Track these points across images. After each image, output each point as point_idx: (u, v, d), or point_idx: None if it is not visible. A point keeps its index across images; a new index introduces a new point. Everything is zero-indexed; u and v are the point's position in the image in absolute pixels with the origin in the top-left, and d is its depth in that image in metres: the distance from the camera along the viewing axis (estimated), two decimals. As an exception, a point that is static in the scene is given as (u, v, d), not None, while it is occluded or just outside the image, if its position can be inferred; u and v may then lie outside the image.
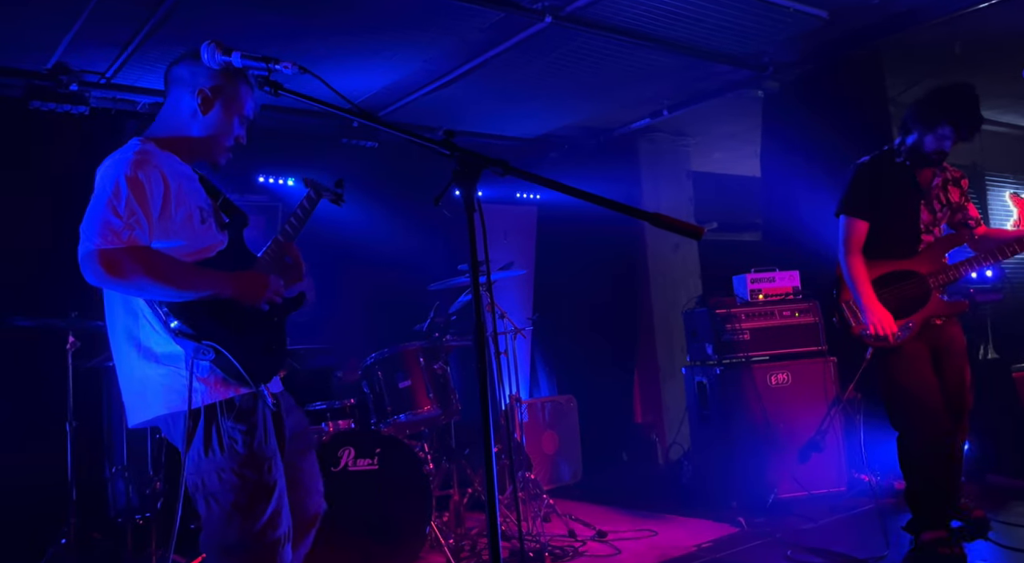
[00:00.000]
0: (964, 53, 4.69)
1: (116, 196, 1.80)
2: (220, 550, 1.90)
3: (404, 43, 4.21)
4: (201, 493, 1.90)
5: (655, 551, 3.61)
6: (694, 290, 6.25)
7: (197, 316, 1.86)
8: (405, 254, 5.30)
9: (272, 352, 2.04)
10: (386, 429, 3.68)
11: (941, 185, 3.35)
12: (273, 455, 1.97)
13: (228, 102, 2.03)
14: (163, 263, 1.83)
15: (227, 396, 1.91)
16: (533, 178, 1.56)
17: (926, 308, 3.21)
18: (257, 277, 1.99)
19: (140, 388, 1.93)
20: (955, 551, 3.16)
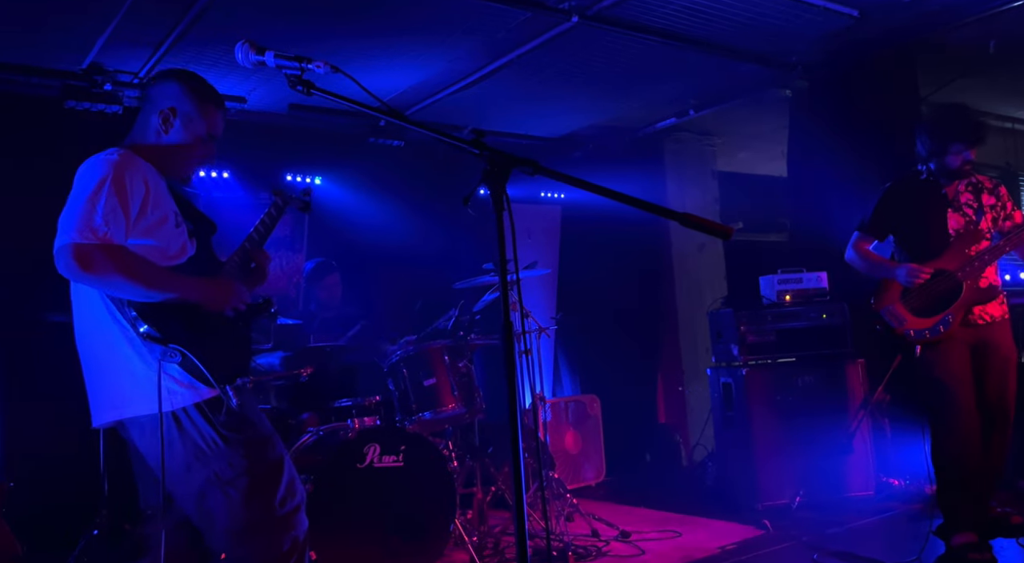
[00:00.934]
0: (998, 52, 4.60)
1: (97, 194, 1.87)
2: (246, 531, 1.97)
3: (430, 43, 4.23)
4: (216, 486, 1.96)
5: (679, 552, 3.60)
6: (719, 291, 6.21)
7: (164, 319, 1.91)
8: (430, 252, 5.33)
9: (235, 356, 2.09)
10: (411, 426, 3.70)
11: (966, 188, 3.44)
12: (272, 433, 2.08)
13: (187, 122, 2.12)
14: (135, 262, 1.89)
15: (211, 395, 1.98)
16: (563, 177, 1.56)
17: (960, 299, 3.26)
18: (223, 284, 2.07)
19: (119, 386, 1.97)
20: (986, 556, 3.14)
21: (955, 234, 3.36)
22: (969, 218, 3.39)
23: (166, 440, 1.93)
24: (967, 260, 3.28)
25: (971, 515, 3.23)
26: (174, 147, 2.12)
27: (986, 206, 3.41)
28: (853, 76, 4.76)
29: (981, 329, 3.32)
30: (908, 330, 3.33)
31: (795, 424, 4.23)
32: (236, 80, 4.55)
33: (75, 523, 3.78)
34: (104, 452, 3.78)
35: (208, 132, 2.16)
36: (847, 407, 4.26)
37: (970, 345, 3.32)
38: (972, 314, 3.31)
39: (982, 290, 3.28)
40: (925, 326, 3.31)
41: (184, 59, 4.22)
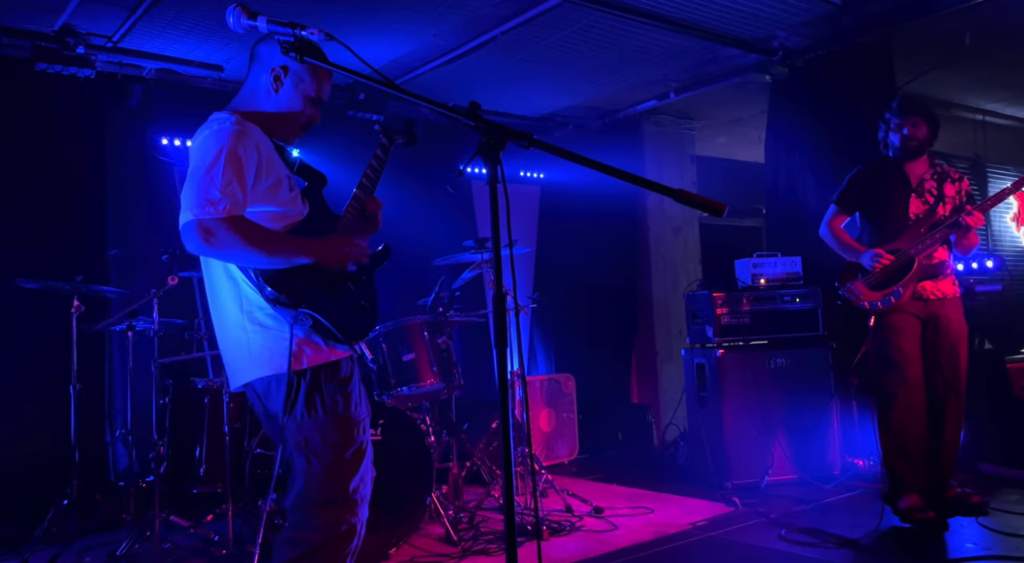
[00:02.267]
0: (973, 44, 4.69)
1: (214, 166, 1.87)
2: (316, 504, 1.98)
3: (415, 17, 4.18)
4: (303, 451, 1.98)
5: (651, 528, 3.67)
6: (694, 274, 6.29)
7: (291, 283, 1.94)
8: (410, 229, 5.30)
9: (364, 310, 2.12)
10: (389, 401, 3.71)
11: (931, 177, 3.66)
12: (365, 418, 2.09)
13: (297, 82, 2.10)
14: (256, 232, 1.91)
15: (330, 359, 2.00)
16: (559, 151, 1.57)
17: (911, 273, 3.53)
18: (342, 240, 2.06)
19: (245, 351, 2.02)
20: (928, 516, 3.40)
21: (915, 218, 3.60)
22: (928, 204, 3.62)
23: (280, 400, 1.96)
24: (919, 238, 3.54)
25: (914, 480, 3.51)
26: (283, 107, 2.11)
27: (947, 195, 3.62)
28: (832, 63, 4.82)
29: (932, 304, 3.57)
30: (863, 302, 3.63)
31: (766, 405, 4.32)
32: (213, 48, 4.47)
33: (44, 493, 3.74)
34: (75, 421, 3.73)
35: (317, 93, 2.13)
36: (817, 389, 4.36)
37: (921, 319, 3.59)
38: (924, 289, 3.56)
39: (932, 266, 3.54)
40: (877, 297, 3.60)
41: (160, 23, 4.12)
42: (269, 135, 2.09)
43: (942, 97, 5.93)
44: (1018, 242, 7.36)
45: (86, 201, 4.47)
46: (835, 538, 3.34)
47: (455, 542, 3.48)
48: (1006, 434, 4.27)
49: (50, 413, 4.02)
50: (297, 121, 2.14)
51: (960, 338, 3.56)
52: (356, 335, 2.05)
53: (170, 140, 4.77)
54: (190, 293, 4.63)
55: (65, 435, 3.74)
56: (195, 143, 1.97)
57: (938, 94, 5.83)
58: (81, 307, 3.73)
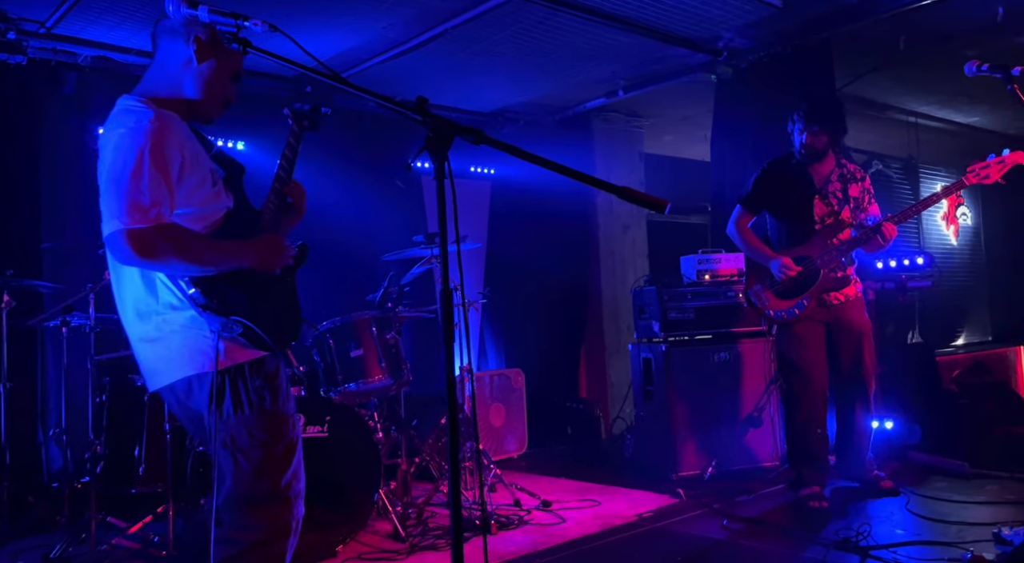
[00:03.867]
0: (907, 48, 4.87)
1: (139, 170, 1.74)
2: (247, 503, 1.93)
3: (364, 8, 4.13)
4: (230, 450, 1.92)
5: (598, 520, 3.72)
6: (642, 270, 6.38)
7: (220, 288, 1.87)
8: (359, 223, 5.24)
9: (290, 313, 2.06)
10: (336, 397, 3.67)
11: (837, 179, 3.79)
12: (293, 414, 2.04)
13: (224, 54, 1.97)
14: (189, 240, 1.83)
15: (254, 356, 1.94)
16: (507, 148, 1.57)
17: (816, 285, 3.68)
18: (270, 242, 1.99)
19: (164, 352, 1.93)
20: (822, 504, 3.64)
21: (820, 221, 3.74)
22: (832, 207, 3.76)
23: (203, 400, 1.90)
24: (827, 249, 3.67)
25: (814, 476, 3.76)
26: (207, 79, 1.96)
27: (851, 196, 3.77)
28: (775, 65, 4.94)
29: (834, 308, 3.76)
30: (768, 311, 3.79)
31: (710, 398, 4.42)
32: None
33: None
34: (5, 420, 3.60)
35: (238, 69, 2.02)
36: (758, 382, 4.48)
37: (825, 323, 3.78)
38: (827, 296, 3.73)
39: (836, 279, 3.69)
40: (783, 308, 3.75)
41: (97, 10, 3.98)
42: (188, 118, 1.97)
43: (878, 99, 6.15)
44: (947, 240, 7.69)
45: (18, 192, 4.29)
46: (774, 526, 3.44)
47: (403, 538, 3.47)
48: (936, 424, 4.46)
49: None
50: (218, 99, 2.02)
51: (863, 337, 3.76)
52: (284, 340, 1.99)
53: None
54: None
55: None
56: (109, 139, 1.81)
57: (874, 96, 6.03)
58: (12, 302, 3.60)
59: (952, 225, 7.75)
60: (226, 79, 2.01)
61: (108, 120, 1.87)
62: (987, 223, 8.29)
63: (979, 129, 7.14)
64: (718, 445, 4.38)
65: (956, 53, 4.95)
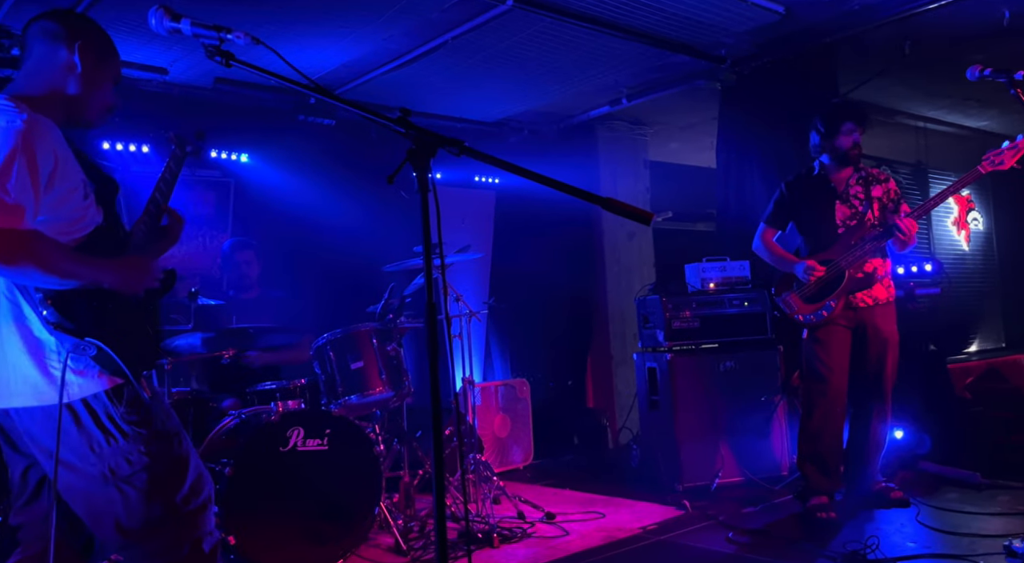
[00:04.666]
0: (912, 53, 4.82)
1: (6, 170, 1.65)
2: (147, 530, 1.84)
3: (364, 21, 4.14)
4: (112, 483, 1.82)
5: (602, 533, 3.68)
6: (648, 278, 6.34)
7: (75, 307, 1.76)
8: (361, 234, 5.24)
9: (148, 338, 1.96)
10: (337, 410, 3.65)
11: (857, 182, 3.75)
12: (179, 430, 1.94)
13: (108, 58, 1.93)
14: (50, 250, 1.72)
15: (113, 384, 1.84)
16: (487, 158, 1.56)
17: (841, 286, 3.64)
18: (137, 263, 1.91)
19: (15, 374, 1.81)
20: (830, 516, 3.58)
21: (842, 224, 3.70)
22: (855, 209, 3.72)
23: (62, 431, 1.78)
24: (849, 248, 3.63)
25: (824, 484, 3.70)
26: (90, 85, 1.90)
27: (874, 198, 3.72)
28: (778, 71, 4.91)
29: (862, 312, 3.69)
30: (797, 315, 3.77)
31: (716, 408, 4.37)
32: (158, 50, 4.36)
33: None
34: None
35: (117, 74, 1.97)
36: (765, 391, 4.42)
37: (851, 328, 3.71)
38: (855, 298, 3.67)
39: (859, 279, 3.63)
40: (811, 311, 3.72)
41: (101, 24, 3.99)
42: (64, 123, 1.87)
43: (884, 104, 6.09)
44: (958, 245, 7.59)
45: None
46: (780, 539, 3.38)
47: (404, 551, 3.44)
48: (947, 434, 4.38)
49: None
50: (101, 103, 1.95)
51: (888, 346, 3.69)
52: (142, 365, 1.87)
53: (112, 144, 4.65)
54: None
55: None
56: None
57: (880, 101, 5.98)
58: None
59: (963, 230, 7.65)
60: (109, 85, 1.96)
61: None
62: (999, 227, 8.18)
63: (989, 133, 7.06)
64: (724, 455, 4.33)
65: (963, 57, 4.89)
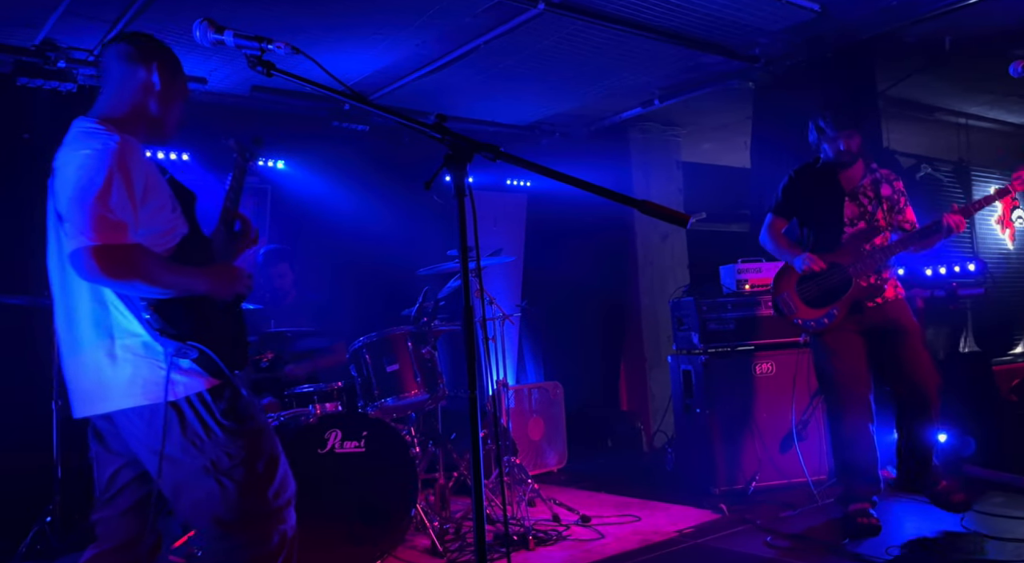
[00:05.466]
0: (953, 49, 4.72)
1: (107, 189, 1.78)
2: (242, 522, 1.94)
3: (397, 27, 4.19)
4: (212, 475, 1.92)
5: (638, 536, 3.66)
6: (682, 279, 6.30)
7: (175, 313, 1.88)
8: (395, 239, 5.30)
9: (240, 339, 2.09)
10: (373, 412, 3.69)
11: (870, 184, 3.61)
12: (267, 424, 2.07)
13: (179, 76, 2.06)
14: (152, 262, 1.84)
15: (213, 384, 1.95)
16: (522, 163, 1.57)
17: (847, 295, 3.47)
18: (228, 270, 2.04)
19: (109, 378, 1.91)
20: (871, 521, 3.45)
21: (849, 223, 3.56)
22: (864, 208, 3.57)
23: (156, 432, 1.89)
24: (861, 256, 3.47)
25: (863, 491, 3.55)
26: (168, 103, 2.04)
27: (883, 197, 3.58)
28: (814, 69, 4.84)
29: (871, 312, 3.51)
30: (797, 319, 3.60)
31: (752, 411, 4.32)
32: (197, 60, 4.46)
33: (26, 511, 3.70)
34: (58, 439, 3.71)
35: (186, 90, 2.11)
36: (803, 394, 4.36)
37: (862, 332, 3.53)
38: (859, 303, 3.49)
39: (867, 288, 3.48)
40: (812, 317, 3.56)
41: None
42: (146, 140, 2.03)
43: (925, 101, 5.97)
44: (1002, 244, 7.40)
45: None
46: (820, 543, 3.34)
47: (441, 553, 3.46)
48: (992, 437, 4.28)
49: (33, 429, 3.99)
50: (175, 118, 2.09)
51: (907, 336, 3.47)
52: (237, 365, 2.00)
53: (153, 153, 4.76)
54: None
55: (48, 451, 3.71)
56: (72, 160, 1.84)
57: (920, 98, 5.87)
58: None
59: (1008, 228, 7.45)
60: (181, 101, 2.09)
61: (67, 141, 1.91)
62: (1046, 226, 7.95)
63: (1034, 129, 6.88)
64: (762, 459, 4.28)
65: (1005, 52, 4.78)
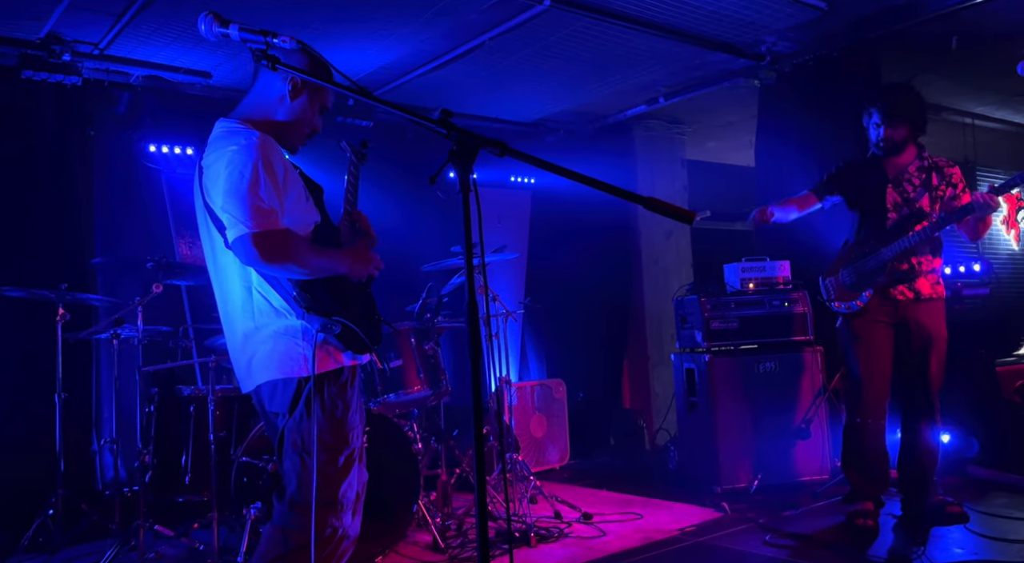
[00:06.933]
0: (960, 48, 4.70)
1: (256, 181, 1.90)
2: (307, 506, 2.00)
3: (402, 23, 4.18)
4: (299, 451, 2.01)
5: (639, 534, 3.66)
6: (686, 278, 6.29)
7: (318, 292, 2.01)
8: (399, 235, 5.28)
9: (375, 319, 2.20)
10: (376, 408, 3.69)
11: (916, 171, 3.56)
12: (359, 425, 2.14)
13: (314, 91, 2.12)
14: (302, 245, 1.97)
15: (336, 366, 2.05)
16: (529, 159, 1.56)
17: (882, 277, 3.48)
18: (363, 252, 2.14)
19: (257, 356, 2.04)
20: (868, 523, 3.46)
21: (893, 209, 3.53)
22: (907, 195, 3.52)
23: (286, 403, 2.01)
24: (900, 238, 3.43)
25: (866, 488, 3.57)
26: (296, 115, 2.12)
27: (932, 185, 3.52)
28: (820, 68, 4.82)
29: (902, 306, 3.49)
30: (834, 303, 3.65)
31: (755, 409, 4.31)
32: (201, 54, 4.46)
33: (29, 503, 3.72)
34: (60, 432, 3.72)
35: (326, 102, 2.17)
36: (806, 393, 4.36)
37: (892, 324, 3.52)
38: (893, 290, 3.48)
39: (903, 271, 3.46)
40: (847, 300, 3.58)
41: (147, 30, 4.11)
42: (279, 143, 2.12)
43: (931, 100, 5.91)
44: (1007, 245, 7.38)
45: (73, 209, 4.45)
46: (822, 543, 3.33)
47: (442, 549, 3.46)
48: (996, 437, 4.26)
49: (36, 422, 4.00)
50: (304, 130, 2.17)
51: (932, 344, 3.44)
52: (375, 341, 2.13)
53: (158, 147, 4.76)
54: (177, 300, 4.62)
55: (51, 444, 3.72)
56: (221, 156, 1.96)
57: (927, 98, 5.77)
58: (67, 315, 3.72)
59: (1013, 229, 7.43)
60: (314, 113, 2.16)
61: (213, 139, 2.03)
62: (1051, 227, 7.92)
63: (1040, 129, 6.85)
64: (764, 458, 4.27)
65: (1012, 51, 4.74)
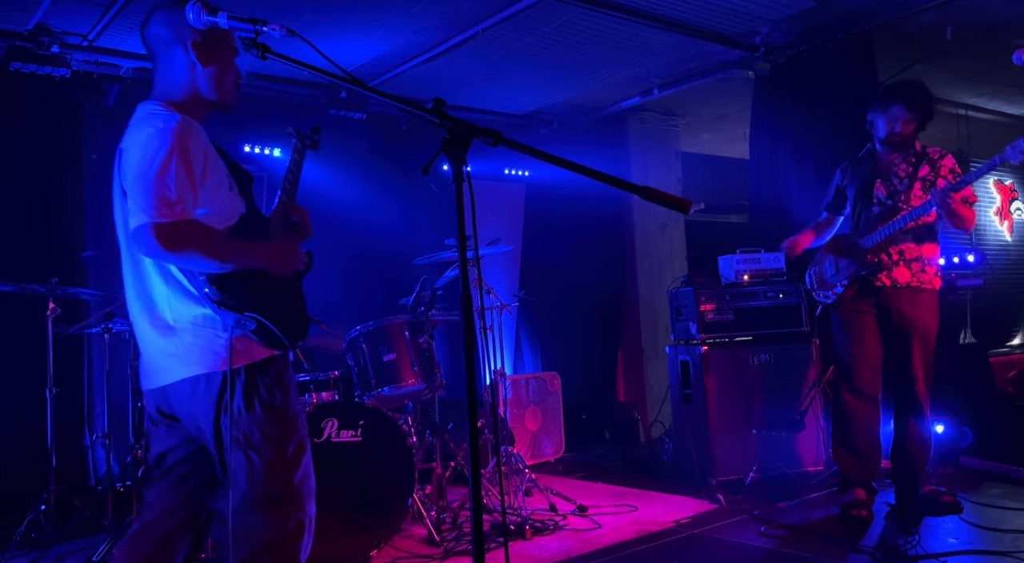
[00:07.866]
0: (954, 39, 4.69)
1: (166, 168, 1.82)
2: (262, 501, 1.94)
3: (395, 13, 4.15)
4: (242, 448, 1.93)
5: (635, 526, 3.66)
6: (680, 270, 6.28)
7: (234, 286, 1.92)
8: (392, 228, 5.27)
9: (300, 313, 2.13)
10: (370, 402, 3.68)
11: (901, 162, 3.55)
12: (303, 411, 2.08)
13: (219, 40, 2.02)
14: (211, 237, 1.88)
15: (264, 356, 1.97)
16: (523, 148, 1.54)
17: (854, 268, 3.52)
18: (286, 246, 2.07)
19: (173, 349, 1.95)
20: (862, 514, 3.46)
21: (879, 203, 3.54)
22: (894, 187, 3.52)
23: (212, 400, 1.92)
24: (875, 230, 3.47)
25: (858, 475, 3.58)
26: (216, 74, 2.02)
27: (919, 176, 3.50)
28: (814, 59, 4.81)
29: (883, 295, 3.49)
30: (816, 292, 3.73)
31: (750, 401, 4.31)
32: (192, 46, 4.41)
33: (21, 498, 3.69)
34: (52, 427, 3.69)
35: (234, 44, 2.07)
36: (800, 385, 4.36)
37: (875, 312, 3.54)
38: (873, 278, 3.48)
39: (872, 264, 3.47)
40: (826, 289, 3.65)
41: (137, 21, 4.02)
42: (205, 117, 2.05)
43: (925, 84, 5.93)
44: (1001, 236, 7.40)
45: (63, 202, 4.41)
46: (816, 533, 3.34)
47: (437, 543, 3.46)
48: (989, 428, 4.28)
49: (27, 417, 3.97)
50: (229, 85, 2.08)
51: (912, 333, 3.41)
52: (296, 338, 2.04)
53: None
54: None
55: (42, 439, 3.70)
56: (137, 139, 1.89)
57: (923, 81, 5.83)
58: (57, 309, 3.68)
59: (1007, 220, 7.45)
60: (231, 64, 2.07)
61: (133, 123, 1.95)
62: (1044, 218, 7.94)
63: (1034, 120, 6.86)
64: (759, 449, 4.28)
65: (1007, 42, 4.75)
